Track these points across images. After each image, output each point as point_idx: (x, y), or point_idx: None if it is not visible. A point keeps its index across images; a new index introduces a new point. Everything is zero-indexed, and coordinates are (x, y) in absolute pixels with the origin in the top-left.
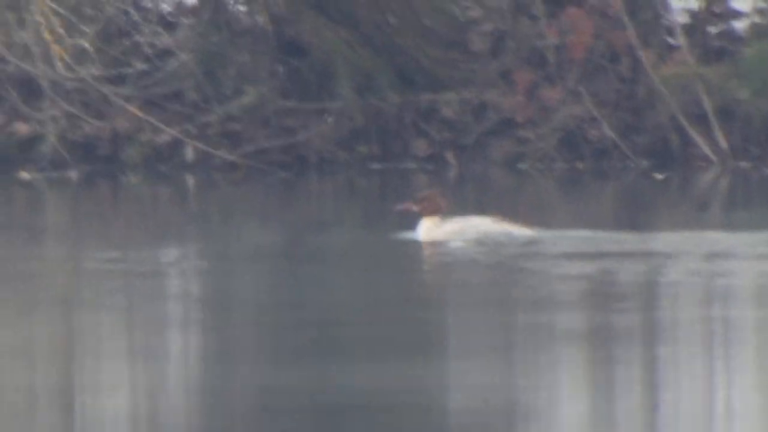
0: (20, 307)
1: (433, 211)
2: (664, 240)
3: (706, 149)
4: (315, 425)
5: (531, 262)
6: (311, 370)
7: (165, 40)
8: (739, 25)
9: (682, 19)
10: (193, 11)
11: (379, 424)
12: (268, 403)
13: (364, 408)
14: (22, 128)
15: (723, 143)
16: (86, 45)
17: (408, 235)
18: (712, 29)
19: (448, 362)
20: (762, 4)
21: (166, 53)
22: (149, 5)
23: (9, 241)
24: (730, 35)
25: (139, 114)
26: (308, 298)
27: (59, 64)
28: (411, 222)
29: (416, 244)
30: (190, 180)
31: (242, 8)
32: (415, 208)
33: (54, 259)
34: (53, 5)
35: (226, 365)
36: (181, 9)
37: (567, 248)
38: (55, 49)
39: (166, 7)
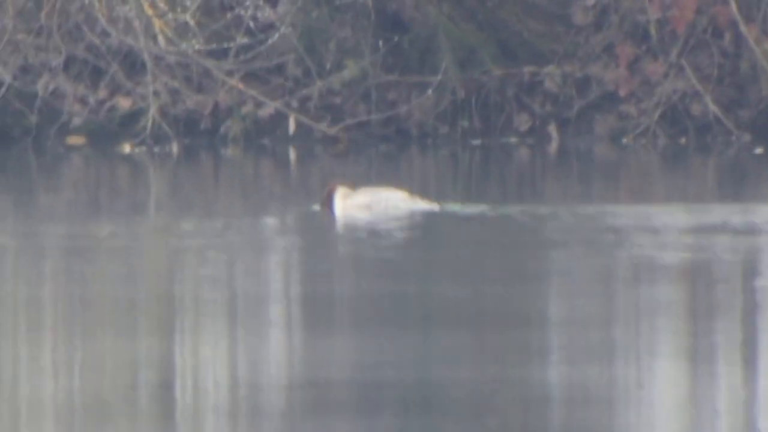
0: (122, 279)
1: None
2: (762, 214)
3: None
4: (411, 398)
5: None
6: (408, 342)
7: (267, 14)
8: None
9: None
10: None
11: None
12: (363, 376)
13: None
14: (124, 102)
15: None
16: (188, 19)
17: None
18: None
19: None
20: None
21: (267, 27)
22: None
23: (112, 215)
24: None
25: (241, 87)
26: (406, 269)
27: (161, 39)
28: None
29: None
30: (292, 153)
31: None
32: (322, 204)
33: (155, 231)
34: None
35: (324, 337)
36: None
37: (673, 222)
38: (157, 23)
39: None
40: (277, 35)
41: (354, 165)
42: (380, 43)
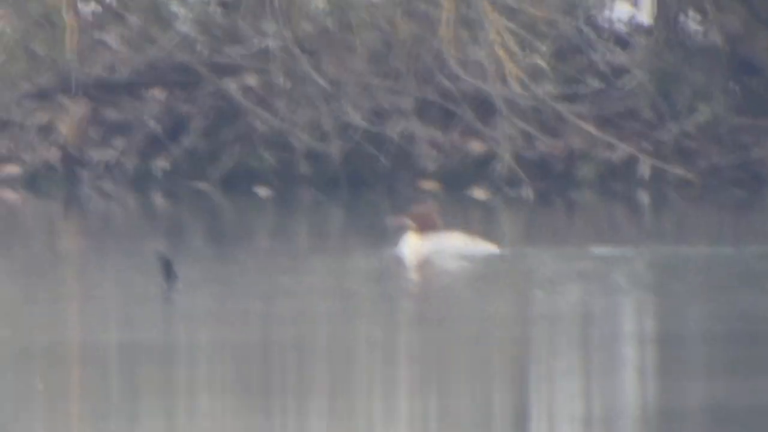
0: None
1: (428, 228)
2: None
3: None
4: None
5: None
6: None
7: (620, 58)
8: None
9: None
10: (647, 30)
11: None
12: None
13: None
14: (476, 146)
15: None
16: (541, 63)
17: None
18: None
19: None
20: None
21: (620, 71)
22: (604, 24)
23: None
24: None
25: (594, 131)
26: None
27: (513, 83)
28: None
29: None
30: (645, 197)
31: (697, 27)
32: (410, 223)
33: (510, 272)
34: (508, 23)
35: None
36: (635, 28)
37: None
38: (510, 67)
39: (620, 26)
40: (631, 80)
41: (707, 209)
42: (733, 86)
